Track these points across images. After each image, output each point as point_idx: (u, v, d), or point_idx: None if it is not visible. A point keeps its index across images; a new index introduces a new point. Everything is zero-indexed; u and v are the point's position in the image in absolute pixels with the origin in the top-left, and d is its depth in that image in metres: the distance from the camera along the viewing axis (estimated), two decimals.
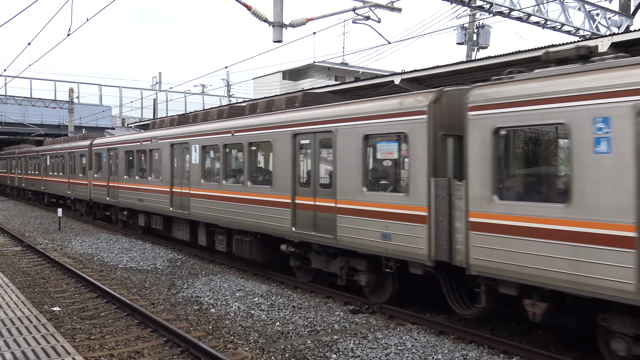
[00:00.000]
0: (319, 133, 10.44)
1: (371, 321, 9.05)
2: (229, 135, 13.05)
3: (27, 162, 34.80)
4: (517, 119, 7.08)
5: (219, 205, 13.41)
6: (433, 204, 8.14)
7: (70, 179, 25.67)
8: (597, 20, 18.50)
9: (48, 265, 14.13)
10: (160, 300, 10.52)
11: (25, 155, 35.40)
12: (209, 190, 13.89)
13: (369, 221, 9.22)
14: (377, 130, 9.17)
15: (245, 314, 9.44)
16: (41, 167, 31.17)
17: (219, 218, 13.41)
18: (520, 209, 7.03)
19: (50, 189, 29.50)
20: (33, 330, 6.33)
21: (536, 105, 6.86)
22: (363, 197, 9.37)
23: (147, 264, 14.23)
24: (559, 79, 6.78)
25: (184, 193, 15.10)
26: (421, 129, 8.32)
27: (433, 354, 7.45)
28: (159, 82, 59.51)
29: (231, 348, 7.75)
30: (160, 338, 8.17)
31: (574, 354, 7.43)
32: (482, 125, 7.42)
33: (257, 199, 12.00)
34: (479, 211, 7.49)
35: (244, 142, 12.53)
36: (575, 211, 6.45)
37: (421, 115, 8.34)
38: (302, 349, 7.67)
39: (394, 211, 8.78)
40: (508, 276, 7.14)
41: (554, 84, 6.77)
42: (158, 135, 16.83)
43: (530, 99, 6.92)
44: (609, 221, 6.16)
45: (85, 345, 7.83)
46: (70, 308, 9.97)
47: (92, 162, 22.83)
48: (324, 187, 10.44)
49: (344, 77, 49.54)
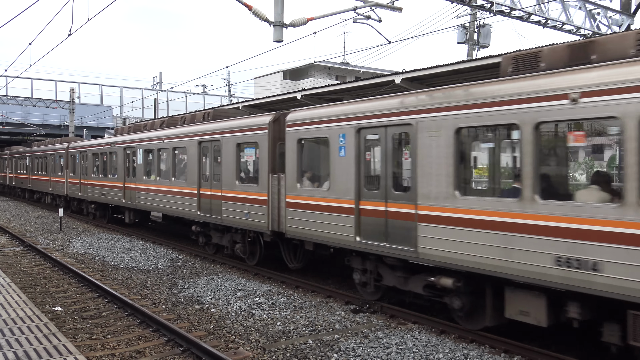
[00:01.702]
0: (212, 142, 13.98)
1: (372, 320, 9.06)
2: (161, 141, 16.66)
3: (16, 163, 38.34)
4: (307, 133, 10.86)
5: (156, 196, 17.01)
6: (271, 191, 11.71)
7: (52, 177, 29.01)
8: (598, 19, 18.48)
9: (49, 265, 14.15)
10: (162, 300, 10.53)
11: (15, 156, 38.97)
12: (149, 184, 17.42)
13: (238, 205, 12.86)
14: (243, 140, 12.79)
15: (247, 314, 9.45)
16: (28, 167, 34.64)
17: (155, 207, 17.27)
18: (307, 192, 10.81)
19: (35, 186, 33.06)
20: (35, 330, 6.35)
21: (313, 125, 10.63)
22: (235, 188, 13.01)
23: (148, 263, 14.25)
24: (326, 107, 10.70)
25: (132, 187, 18.73)
26: (264, 139, 11.96)
27: (434, 353, 7.45)
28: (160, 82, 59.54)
29: (232, 348, 7.76)
30: (161, 338, 8.18)
31: (575, 353, 7.44)
32: (292, 137, 11.14)
33: (180, 190, 15.50)
34: (290, 194, 11.17)
35: (170, 146, 16.08)
36: (331, 194, 10.11)
37: (264, 130, 11.98)
38: (303, 349, 7.68)
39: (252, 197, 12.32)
40: (304, 237, 10.97)
41: (323, 112, 10.51)
42: (115, 140, 20.59)
43: (311, 120, 10.71)
44: (344, 198, 9.74)
45: (87, 345, 7.85)
46: (71, 308, 9.98)
47: (68, 163, 26.33)
48: (216, 180, 13.86)
49: (345, 76, 49.53)
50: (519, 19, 16.88)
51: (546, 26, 17.47)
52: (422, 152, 8.29)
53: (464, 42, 25.18)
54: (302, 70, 50.73)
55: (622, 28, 18.64)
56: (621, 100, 5.99)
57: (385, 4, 13.56)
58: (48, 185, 29.80)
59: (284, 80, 51.63)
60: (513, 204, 7.05)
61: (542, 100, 6.71)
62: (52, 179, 29.02)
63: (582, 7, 18.06)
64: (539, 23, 17.36)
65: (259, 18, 11.93)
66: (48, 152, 30.11)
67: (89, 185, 23.13)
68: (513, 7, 16.44)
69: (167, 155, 16.45)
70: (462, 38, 25.13)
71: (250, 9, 11.86)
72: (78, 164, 24.65)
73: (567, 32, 18.04)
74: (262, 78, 53.30)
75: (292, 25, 12.37)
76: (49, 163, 29.73)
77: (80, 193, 24.29)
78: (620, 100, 6.00)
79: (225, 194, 13.17)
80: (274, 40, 12.16)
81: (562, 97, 6.51)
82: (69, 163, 26.23)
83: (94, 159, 22.91)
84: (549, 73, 6.91)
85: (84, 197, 23.99)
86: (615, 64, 6.25)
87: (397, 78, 13.52)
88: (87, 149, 23.61)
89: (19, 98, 41.45)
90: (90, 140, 26.46)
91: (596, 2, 18.54)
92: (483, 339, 7.91)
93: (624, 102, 5.96)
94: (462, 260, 7.65)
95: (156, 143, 16.94)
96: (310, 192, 10.76)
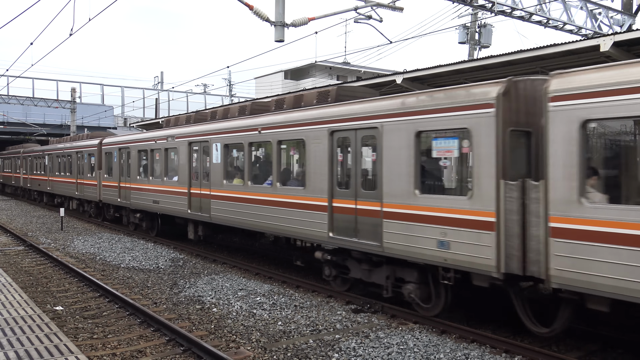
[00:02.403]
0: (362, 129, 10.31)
1: (373, 320, 9.06)
2: (256, 132, 12.20)
3: (32, 163, 33.85)
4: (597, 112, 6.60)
5: (244, 208, 12.63)
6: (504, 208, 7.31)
7: (78, 179, 24.75)
8: (600, 19, 18.47)
9: (50, 265, 14.17)
10: (163, 300, 10.54)
11: (30, 155, 34.49)
12: (233, 191, 13.04)
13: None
14: (433, 126, 9.03)
15: (248, 314, 9.46)
16: (47, 168, 30.18)
17: (247, 222, 12.56)
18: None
19: (56, 190, 28.57)
20: (36, 329, 6.35)
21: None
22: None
23: (149, 263, 14.26)
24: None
25: (204, 194, 14.21)
26: (486, 124, 7.72)
27: (435, 353, 7.45)
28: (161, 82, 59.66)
29: (233, 347, 7.76)
30: (162, 337, 8.18)
31: (576, 353, 7.43)
32: (565, 118, 6.66)
33: (302, 202, 11.33)
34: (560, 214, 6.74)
35: (273, 140, 11.73)
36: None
37: (488, 110, 7.56)
38: (304, 348, 7.68)
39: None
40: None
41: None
42: (175, 133, 15.83)
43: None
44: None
45: (88, 344, 7.85)
46: (72, 307, 9.99)
47: (101, 162, 21.91)
48: (368, 187, 10.19)
49: (346, 76, 49.56)
50: (520, 19, 16.88)
51: (547, 26, 17.48)
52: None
53: (465, 42, 25.18)
54: (303, 70, 50.76)
55: (623, 28, 18.63)
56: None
57: (386, 4, 13.56)
58: (74, 188, 25.43)
59: (285, 80, 51.65)
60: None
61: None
62: (80, 182, 24.61)
63: (584, 7, 18.05)
64: (540, 23, 17.36)
65: (260, 18, 11.94)
66: (73, 149, 25.63)
67: (133, 189, 18.62)
68: (514, 7, 16.44)
69: (272, 153, 11.68)
70: (463, 38, 25.12)
71: (252, 9, 11.87)
72: (116, 164, 20.14)
73: (569, 32, 18.05)
74: (263, 78, 53.33)
75: (293, 25, 12.39)
76: (74, 162, 25.40)
77: (120, 199, 19.75)
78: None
79: (392, 208, 8.84)
80: (275, 40, 12.17)
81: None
82: (103, 162, 21.80)
83: (139, 157, 18.35)
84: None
85: (125, 204, 19.45)
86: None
87: (398, 78, 13.52)
88: (130, 145, 19.01)
89: (21, 98, 41.51)
90: (132, 133, 21.45)
91: (597, 2, 18.54)
92: (484, 338, 7.91)
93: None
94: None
95: (247, 135, 12.50)
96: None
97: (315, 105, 11.05)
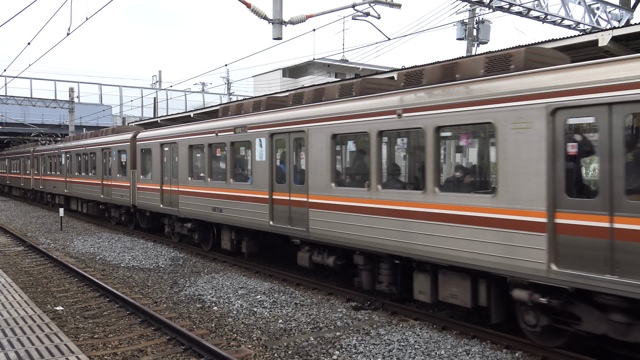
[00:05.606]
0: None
1: (374, 317, 9.06)
2: (396, 117, 9.08)
3: (45, 162, 30.51)
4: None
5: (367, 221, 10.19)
6: None
7: (104, 181, 21.43)
8: (597, 14, 18.44)
9: (50, 265, 14.16)
10: (163, 299, 10.54)
11: (42, 153, 31.12)
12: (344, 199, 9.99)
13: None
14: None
15: (248, 312, 9.46)
16: (64, 168, 26.83)
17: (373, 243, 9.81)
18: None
19: (76, 192, 25.02)
20: (37, 330, 6.35)
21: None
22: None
23: (149, 262, 14.25)
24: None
25: (294, 202, 11.14)
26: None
27: (436, 349, 7.45)
28: (159, 81, 59.57)
29: (234, 345, 7.76)
30: (163, 336, 8.18)
31: (576, 349, 7.43)
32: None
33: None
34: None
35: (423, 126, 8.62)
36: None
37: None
38: (304, 346, 7.68)
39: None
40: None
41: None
42: (248, 123, 12.52)
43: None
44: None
45: (89, 344, 7.85)
46: (73, 307, 9.99)
47: (135, 160, 18.71)
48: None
49: (344, 73, 49.49)
50: (518, 15, 16.86)
51: (545, 21, 17.45)
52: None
53: (463, 38, 25.16)
54: (301, 68, 50.74)
55: (621, 22, 18.61)
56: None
57: (384, 1, 13.54)
58: (99, 191, 21.95)
59: (283, 77, 51.62)
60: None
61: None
62: (106, 183, 21.15)
63: (582, 2, 18.01)
64: (538, 18, 17.33)
65: (257, 16, 11.92)
66: (99, 145, 22.09)
67: (182, 193, 15.29)
68: (512, 3, 16.40)
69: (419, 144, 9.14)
70: (462, 34, 25.11)
71: (249, 7, 11.85)
72: (157, 162, 16.85)
73: (567, 27, 18.01)
74: (261, 76, 53.30)
75: (291, 22, 12.37)
76: (98, 161, 22.09)
77: (162, 205, 16.47)
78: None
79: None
80: (273, 38, 12.15)
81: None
82: (138, 160, 18.50)
83: (190, 155, 15.00)
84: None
85: (169, 211, 16.10)
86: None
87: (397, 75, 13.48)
88: (178, 140, 15.48)
89: (19, 98, 41.48)
90: (177, 125, 16.79)
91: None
92: (485, 334, 7.92)
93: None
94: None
95: (375, 121, 9.17)
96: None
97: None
